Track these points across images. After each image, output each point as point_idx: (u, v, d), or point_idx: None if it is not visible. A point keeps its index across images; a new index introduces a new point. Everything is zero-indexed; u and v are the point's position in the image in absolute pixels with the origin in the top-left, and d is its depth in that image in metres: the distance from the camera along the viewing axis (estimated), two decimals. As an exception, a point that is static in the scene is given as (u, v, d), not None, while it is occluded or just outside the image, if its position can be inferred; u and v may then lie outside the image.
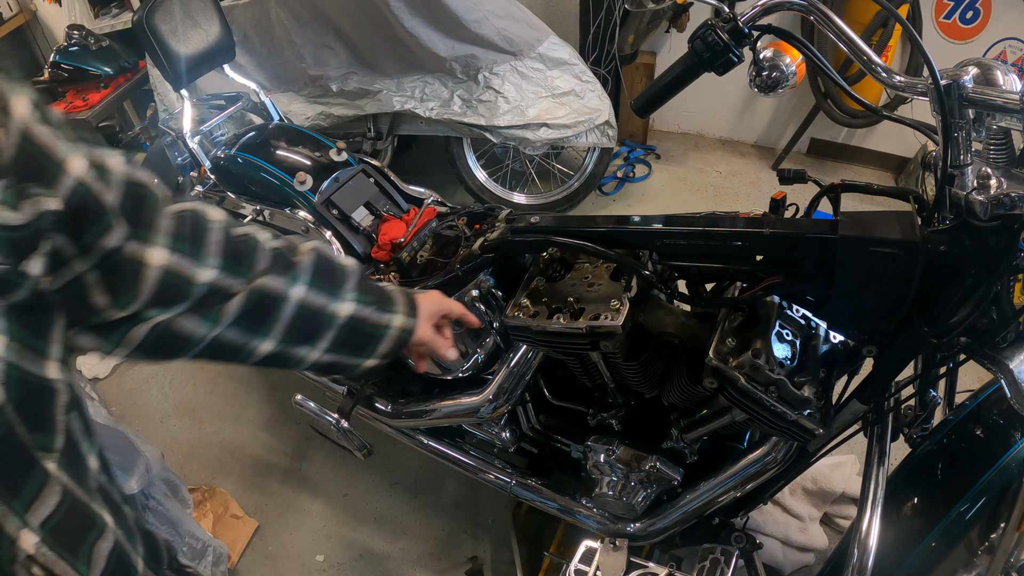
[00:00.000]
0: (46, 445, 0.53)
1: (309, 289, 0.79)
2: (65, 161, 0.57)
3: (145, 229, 0.65)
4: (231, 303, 0.73)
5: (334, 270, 0.83)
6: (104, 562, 0.56)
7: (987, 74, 0.79)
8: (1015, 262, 0.80)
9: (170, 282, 0.66)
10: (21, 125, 0.54)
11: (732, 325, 1.05)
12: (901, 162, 3.15)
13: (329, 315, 0.81)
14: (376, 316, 0.86)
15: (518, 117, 2.60)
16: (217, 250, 0.71)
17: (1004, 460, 1.09)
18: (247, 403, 2.36)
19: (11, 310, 0.51)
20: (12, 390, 0.50)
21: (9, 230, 0.50)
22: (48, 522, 0.51)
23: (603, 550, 1.28)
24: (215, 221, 0.73)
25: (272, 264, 0.77)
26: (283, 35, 2.71)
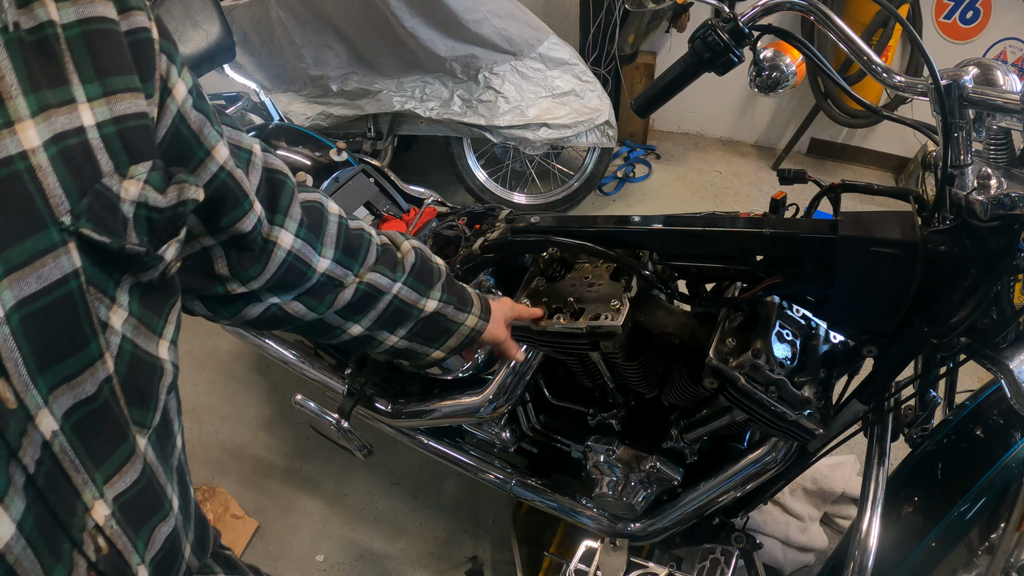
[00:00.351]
0: (142, 421, 0.53)
1: (406, 286, 0.87)
2: (212, 148, 0.59)
3: (281, 214, 0.70)
4: (344, 293, 0.80)
5: (430, 270, 0.91)
6: (160, 545, 0.56)
7: (987, 74, 0.79)
8: (1015, 262, 0.80)
9: (294, 265, 0.73)
10: (179, 107, 0.55)
11: (732, 325, 1.05)
12: (901, 162, 3.15)
13: (417, 309, 0.90)
14: (454, 314, 0.94)
15: (518, 117, 2.60)
16: (333, 241, 0.78)
17: (1004, 460, 1.09)
18: (247, 403, 2.36)
19: (136, 287, 0.51)
20: (122, 364, 0.50)
21: (153, 210, 0.50)
22: (122, 496, 0.51)
23: (603, 550, 1.28)
24: (333, 214, 0.80)
25: (379, 259, 0.85)
26: (283, 35, 2.71)
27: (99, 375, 0.47)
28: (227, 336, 2.18)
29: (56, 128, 0.43)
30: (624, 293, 1.09)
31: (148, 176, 0.49)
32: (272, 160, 0.71)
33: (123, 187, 0.47)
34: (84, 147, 0.45)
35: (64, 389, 0.45)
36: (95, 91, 0.46)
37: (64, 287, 0.43)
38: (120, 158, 0.47)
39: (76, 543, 0.47)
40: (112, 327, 0.49)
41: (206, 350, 2.54)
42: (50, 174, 0.42)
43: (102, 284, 0.47)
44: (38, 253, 0.42)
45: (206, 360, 2.52)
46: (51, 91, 0.43)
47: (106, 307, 0.48)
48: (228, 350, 2.54)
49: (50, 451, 0.44)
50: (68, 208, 0.43)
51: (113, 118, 0.47)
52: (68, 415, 0.45)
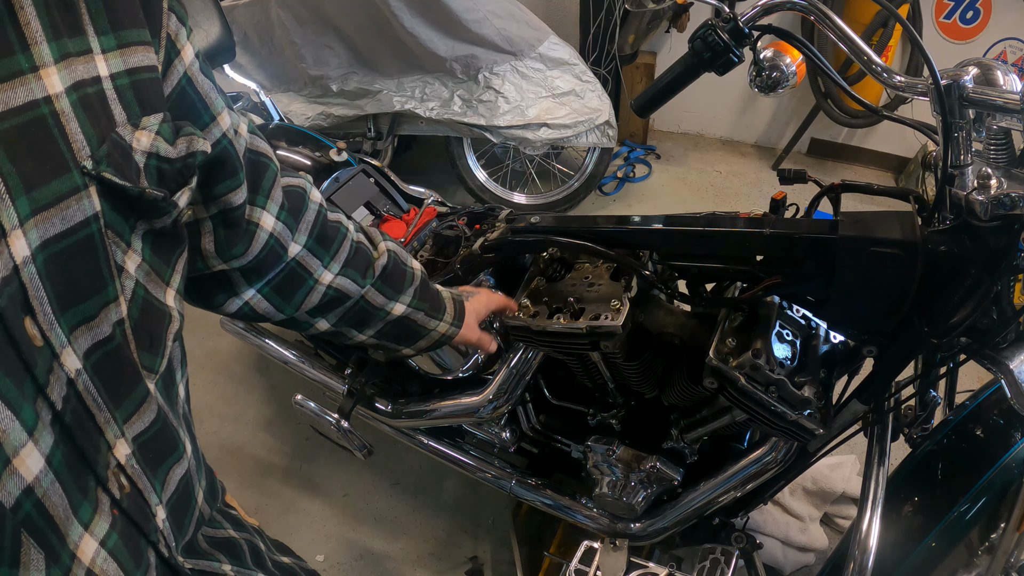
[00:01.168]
0: (151, 365, 0.54)
1: (374, 288, 0.88)
2: (218, 114, 0.60)
3: (263, 196, 0.71)
4: (311, 296, 0.81)
5: (402, 275, 0.92)
6: (175, 487, 0.57)
7: (987, 74, 0.79)
8: (1015, 262, 0.80)
9: (274, 248, 0.73)
10: (186, 69, 0.56)
11: (732, 325, 1.05)
12: (901, 162, 3.15)
13: (384, 312, 0.91)
14: (424, 320, 0.96)
15: (518, 117, 2.60)
16: (308, 228, 0.78)
17: (1004, 460, 1.09)
18: (247, 403, 2.36)
19: (148, 233, 0.52)
20: (135, 308, 0.51)
21: (164, 161, 0.51)
22: (140, 437, 0.52)
23: (603, 550, 1.28)
24: (314, 202, 0.80)
25: (351, 258, 0.84)
26: (283, 35, 2.71)
27: (113, 317, 0.48)
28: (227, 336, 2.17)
29: (77, 76, 0.44)
30: (624, 293, 1.09)
31: (159, 128, 0.50)
32: (257, 142, 0.71)
33: (135, 137, 0.48)
34: (100, 96, 0.46)
35: (83, 330, 0.46)
36: (110, 43, 0.47)
37: (86, 229, 0.44)
38: (133, 109, 0.48)
39: (101, 481, 0.48)
40: (127, 271, 0.50)
41: (206, 350, 2.54)
42: (72, 119, 0.43)
43: (119, 228, 0.48)
44: (63, 195, 0.43)
45: (206, 360, 2.52)
46: (71, 40, 0.44)
47: (122, 251, 0.49)
48: (228, 350, 2.54)
49: (75, 388, 0.45)
50: (89, 153, 0.44)
51: (127, 70, 0.48)
52: (88, 355, 0.46)
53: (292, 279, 0.79)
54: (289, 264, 0.77)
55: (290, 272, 0.78)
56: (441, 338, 0.99)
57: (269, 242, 0.72)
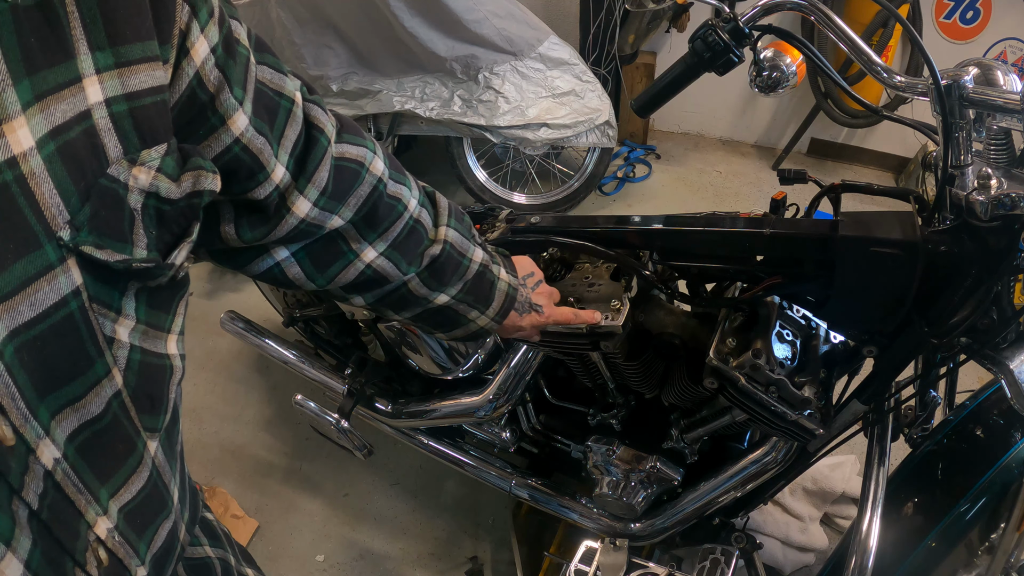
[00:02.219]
0: (153, 426, 0.50)
1: (418, 278, 0.81)
2: (228, 117, 0.52)
3: (305, 179, 0.63)
4: (347, 272, 0.74)
5: (455, 267, 0.84)
6: (162, 542, 0.55)
7: (987, 74, 0.79)
8: (1015, 262, 0.80)
9: (304, 231, 0.67)
10: (196, 69, 0.48)
11: (732, 325, 1.05)
12: (901, 162, 3.15)
13: (425, 300, 0.85)
14: (465, 310, 0.89)
15: (518, 117, 2.60)
16: (356, 204, 0.70)
17: (1004, 460, 1.09)
18: (247, 403, 2.36)
19: (142, 291, 0.46)
20: (131, 376, 0.46)
21: (164, 202, 0.44)
22: (128, 505, 0.49)
23: (603, 550, 1.28)
24: (373, 175, 0.71)
25: (400, 241, 0.77)
26: (283, 35, 2.71)
27: (106, 393, 0.44)
28: (227, 336, 2.17)
29: (55, 120, 0.37)
30: (624, 293, 1.09)
31: (162, 162, 0.44)
32: (313, 111, 0.64)
33: (132, 175, 0.42)
34: (89, 135, 0.39)
35: (68, 412, 0.42)
36: (107, 61, 0.40)
37: (63, 309, 0.39)
38: (131, 141, 0.42)
39: (79, 563, 0.45)
40: (119, 340, 0.45)
41: (206, 350, 2.54)
42: (45, 180, 0.37)
43: (107, 298, 0.43)
44: (30, 278, 0.37)
45: (206, 360, 2.52)
46: (51, 71, 0.37)
47: (112, 321, 0.44)
48: (228, 350, 2.54)
49: (52, 480, 0.42)
50: (67, 219, 0.38)
51: (126, 94, 0.41)
52: (72, 437, 0.43)
53: (330, 249, 0.72)
54: (329, 234, 0.70)
55: (328, 241, 0.71)
56: (479, 330, 0.93)
57: (299, 227, 0.65)
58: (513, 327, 0.97)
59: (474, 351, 1.43)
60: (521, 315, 0.97)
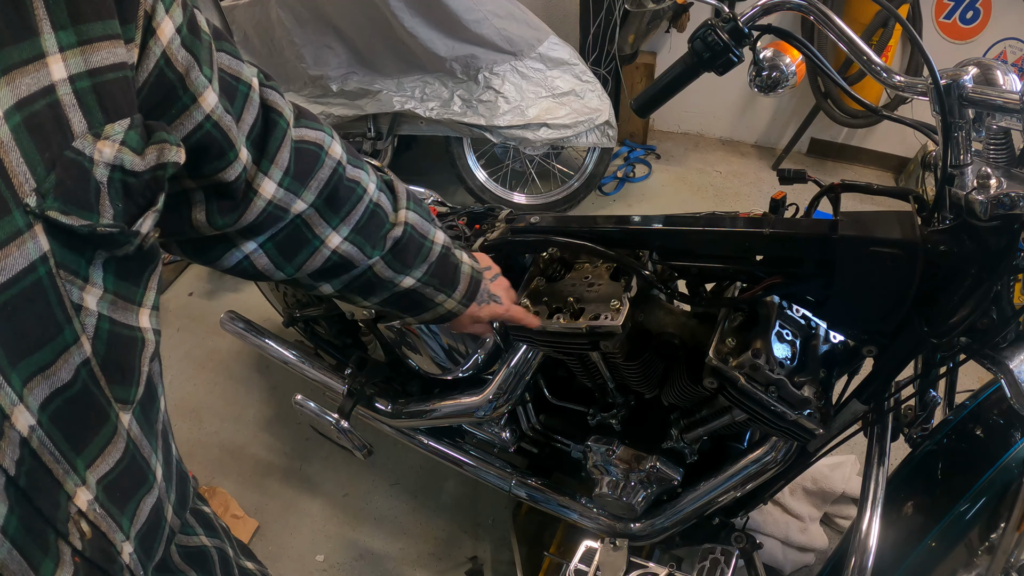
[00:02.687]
0: (125, 397, 0.51)
1: (383, 261, 0.84)
2: (199, 95, 0.54)
3: (267, 160, 0.65)
4: (313, 260, 0.77)
5: (417, 249, 0.87)
6: (145, 517, 0.55)
7: (987, 74, 0.79)
8: (1015, 262, 0.80)
9: (272, 214, 0.68)
10: (163, 49, 0.50)
11: (732, 325, 1.05)
12: (901, 162, 3.15)
13: (391, 284, 0.87)
14: (432, 293, 0.92)
15: (518, 117, 2.60)
16: (318, 187, 0.73)
17: (1004, 460, 1.09)
18: (247, 403, 2.36)
19: (110, 261, 0.47)
20: (99, 344, 0.47)
21: (129, 174, 0.46)
22: (106, 478, 0.49)
23: (603, 550, 1.28)
24: (332, 158, 0.74)
25: (362, 224, 0.79)
26: (283, 35, 2.71)
27: (75, 360, 0.45)
28: (227, 336, 2.17)
29: (20, 92, 0.39)
30: (624, 293, 1.09)
31: (125, 136, 0.45)
32: (271, 96, 0.66)
33: (97, 148, 0.43)
34: (53, 108, 0.41)
35: (39, 380, 0.42)
36: (69, 39, 0.41)
37: (32, 275, 0.40)
38: (95, 116, 0.43)
39: (61, 533, 0.46)
40: (87, 308, 0.46)
41: (206, 350, 2.54)
42: (12, 150, 0.38)
43: (73, 265, 0.44)
44: (1, 243, 0.38)
45: (206, 360, 2.52)
46: (15, 47, 0.39)
47: (79, 288, 0.45)
48: (228, 350, 2.54)
49: (29, 447, 0.42)
50: (33, 186, 0.39)
51: (88, 70, 0.43)
52: (44, 406, 0.43)
53: (295, 237, 0.74)
54: (293, 221, 0.72)
55: (294, 229, 0.73)
56: (447, 314, 0.96)
57: (267, 209, 0.67)
58: (471, 318, 1.00)
59: (474, 351, 1.43)
60: (480, 305, 1.00)
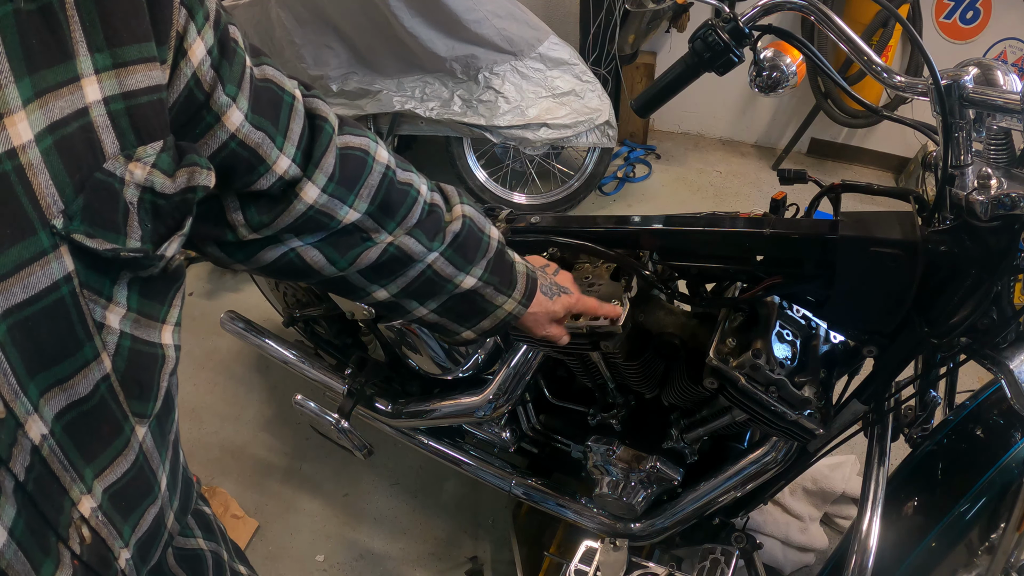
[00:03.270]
0: (142, 412, 0.51)
1: (443, 257, 0.80)
2: (222, 114, 0.54)
3: (313, 165, 0.64)
4: (370, 252, 0.74)
5: (476, 243, 0.83)
6: (147, 526, 0.56)
7: (987, 74, 0.79)
8: (1015, 262, 0.80)
9: (314, 218, 0.67)
10: (194, 70, 0.50)
11: (732, 325, 1.05)
12: (901, 162, 3.15)
13: (452, 284, 0.82)
14: (492, 295, 0.87)
15: (518, 117, 2.60)
16: (370, 194, 0.71)
17: (1004, 460, 1.09)
18: (247, 403, 2.36)
19: (135, 281, 0.48)
20: (120, 361, 0.47)
21: (160, 196, 0.46)
22: (112, 487, 0.50)
23: (603, 550, 1.28)
24: (380, 163, 0.72)
25: (420, 222, 0.77)
26: (283, 35, 2.71)
27: (94, 376, 0.46)
28: (227, 336, 2.17)
29: (53, 116, 0.39)
30: (624, 293, 1.09)
31: (157, 158, 0.45)
32: (315, 104, 0.66)
33: (128, 170, 0.44)
34: (86, 131, 0.41)
35: (56, 391, 0.43)
36: (105, 62, 0.42)
37: (55, 293, 0.41)
38: (127, 138, 0.44)
39: (62, 537, 0.47)
40: (109, 327, 0.46)
41: (206, 350, 2.54)
42: (42, 172, 0.39)
43: (97, 285, 0.45)
44: (24, 262, 0.39)
45: (206, 360, 2.52)
46: (50, 70, 0.39)
47: (102, 307, 0.46)
48: (228, 350, 2.54)
49: (39, 455, 0.43)
50: (61, 208, 0.40)
51: (123, 93, 0.43)
52: (60, 416, 0.44)
53: (346, 238, 0.72)
54: (346, 227, 0.70)
55: (345, 232, 0.71)
56: (507, 317, 0.89)
57: (308, 213, 0.66)
58: (545, 313, 0.94)
59: (474, 351, 1.44)
60: (552, 298, 0.95)
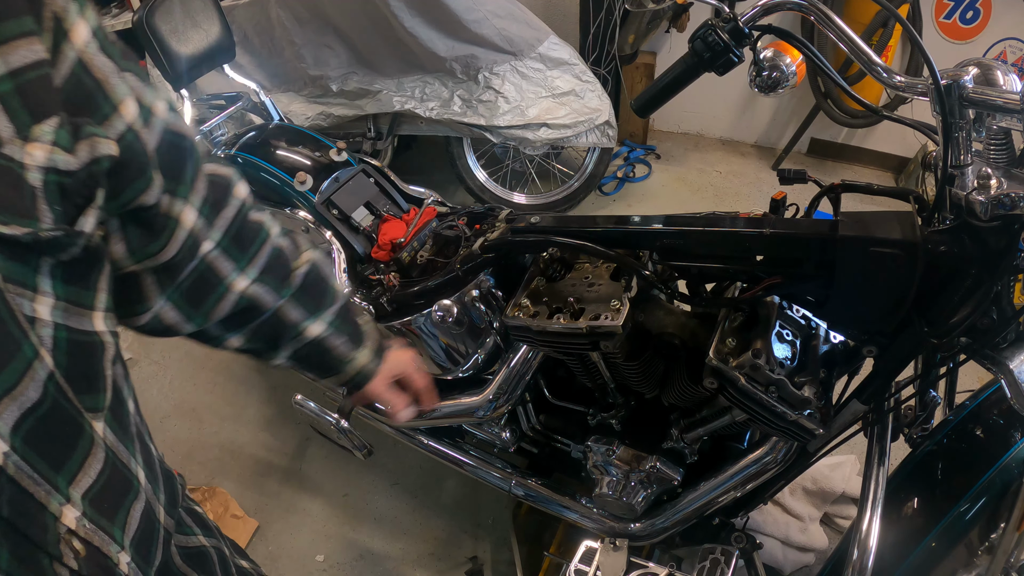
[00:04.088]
0: (94, 406, 0.50)
1: (291, 302, 0.78)
2: (119, 103, 0.51)
3: (185, 186, 0.61)
4: (222, 305, 0.71)
5: (324, 291, 0.82)
6: (137, 523, 0.54)
7: (987, 74, 0.79)
8: (1015, 262, 0.80)
9: (189, 245, 0.64)
10: (78, 54, 0.47)
11: (732, 325, 1.05)
12: (901, 162, 3.15)
13: (298, 330, 0.80)
14: (343, 348, 0.85)
15: (518, 117, 2.60)
16: (224, 225, 0.69)
17: (1004, 460, 1.09)
18: (247, 403, 2.36)
19: (57, 266, 0.46)
20: (60, 355, 0.45)
21: (64, 175, 0.44)
22: (91, 491, 0.48)
23: (603, 550, 1.28)
24: (236, 197, 0.71)
25: (269, 265, 0.75)
26: (283, 35, 2.71)
27: (40, 376, 0.43)
28: (227, 336, 2.18)
29: None
30: (624, 293, 1.09)
31: (55, 135, 0.43)
32: (179, 124, 0.61)
33: (27, 152, 0.41)
34: None
35: (7, 402, 0.41)
36: None
37: None
38: (21, 118, 0.41)
39: (54, 556, 0.45)
40: (41, 319, 0.44)
41: (206, 350, 2.54)
42: None
43: (20, 276, 0.42)
44: None
45: (206, 360, 2.52)
46: None
47: (29, 300, 0.43)
48: (228, 350, 2.54)
49: (6, 475, 0.41)
50: None
51: (9, 72, 0.41)
52: (17, 428, 0.42)
53: (203, 282, 0.69)
54: (200, 265, 0.67)
55: (201, 274, 0.68)
56: (361, 370, 0.87)
57: (187, 241, 0.63)
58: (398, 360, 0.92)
59: (474, 351, 1.43)
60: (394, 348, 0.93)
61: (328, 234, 1.57)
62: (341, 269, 1.54)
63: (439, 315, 1.31)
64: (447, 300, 1.32)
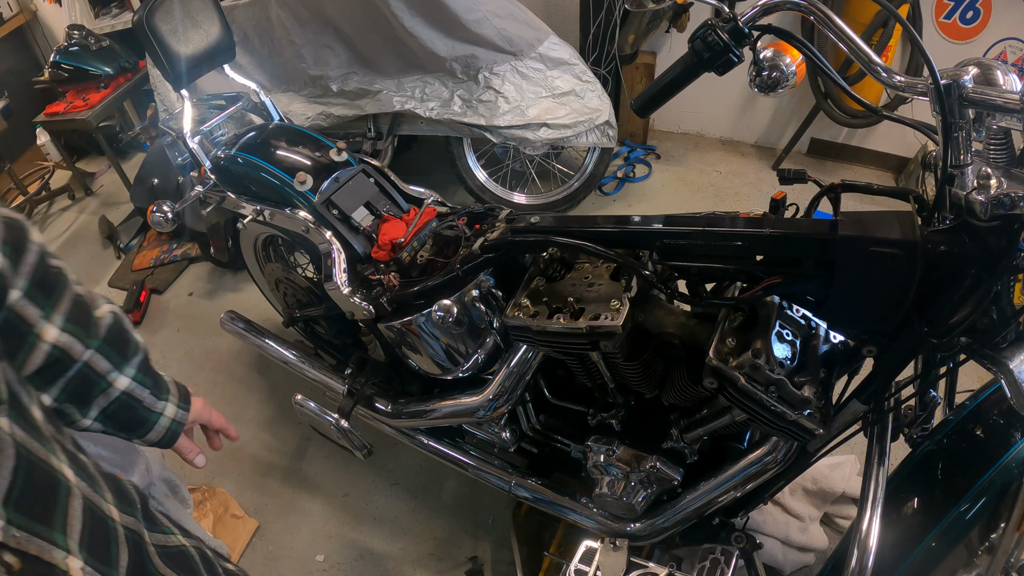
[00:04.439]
0: None
1: (99, 353, 0.77)
2: None
3: None
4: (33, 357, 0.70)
5: (126, 340, 0.82)
6: (80, 523, 0.51)
7: (987, 74, 0.79)
8: (1015, 262, 0.80)
9: None
10: None
11: (732, 325, 1.05)
12: (901, 162, 3.15)
13: (106, 382, 0.79)
14: (151, 401, 0.85)
15: (518, 117, 2.60)
16: (27, 272, 0.67)
17: (1004, 460, 1.09)
18: (247, 403, 2.36)
19: None
20: None
21: None
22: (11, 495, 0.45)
23: (603, 550, 1.28)
24: (33, 241, 0.69)
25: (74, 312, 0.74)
26: (283, 35, 2.71)
27: None
28: (227, 336, 2.17)
29: None
30: (624, 293, 1.09)
31: None
32: None
33: None
34: None
35: None
36: None
37: None
38: None
39: None
40: None
41: (206, 350, 2.54)
42: None
43: None
44: None
45: (206, 360, 2.52)
46: None
47: None
48: (228, 350, 2.54)
49: None
50: None
51: None
52: None
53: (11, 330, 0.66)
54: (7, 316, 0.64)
55: (7, 321, 0.65)
56: (172, 425, 0.89)
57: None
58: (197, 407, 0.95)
59: (474, 351, 1.43)
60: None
61: (328, 234, 1.57)
62: (341, 269, 1.54)
63: (439, 315, 1.31)
64: (447, 300, 1.32)
